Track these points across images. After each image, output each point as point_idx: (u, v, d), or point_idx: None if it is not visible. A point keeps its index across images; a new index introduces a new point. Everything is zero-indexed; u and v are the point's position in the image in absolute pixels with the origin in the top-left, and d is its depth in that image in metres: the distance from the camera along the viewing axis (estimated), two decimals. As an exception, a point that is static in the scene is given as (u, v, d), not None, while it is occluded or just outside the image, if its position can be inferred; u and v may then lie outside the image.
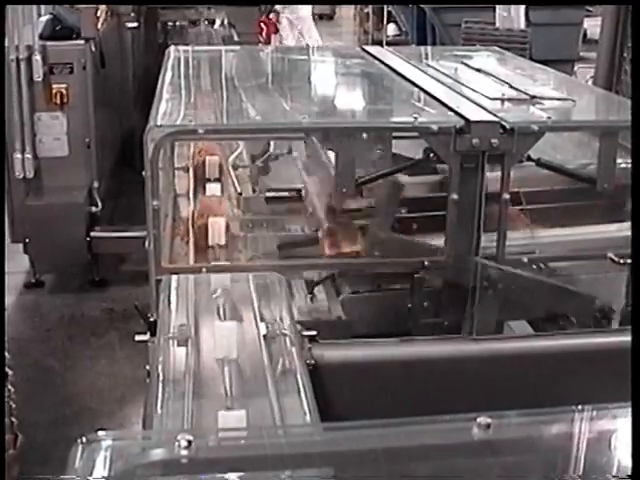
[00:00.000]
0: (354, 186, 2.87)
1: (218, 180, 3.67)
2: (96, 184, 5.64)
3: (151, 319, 2.59)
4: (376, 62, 3.95)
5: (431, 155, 2.89)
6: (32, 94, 5.35)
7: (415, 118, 2.81)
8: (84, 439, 1.35)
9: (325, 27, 16.74)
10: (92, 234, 5.53)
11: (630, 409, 1.46)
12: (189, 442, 1.33)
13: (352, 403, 2.38)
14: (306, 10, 11.55)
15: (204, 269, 2.77)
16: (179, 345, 2.14)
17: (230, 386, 1.96)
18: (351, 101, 3.60)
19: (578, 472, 1.40)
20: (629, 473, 1.37)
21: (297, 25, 11.49)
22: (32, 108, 5.37)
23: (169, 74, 3.65)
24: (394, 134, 3.30)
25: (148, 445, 1.41)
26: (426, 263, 2.86)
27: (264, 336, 2.19)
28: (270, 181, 3.93)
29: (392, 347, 2.64)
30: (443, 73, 3.61)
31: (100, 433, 1.37)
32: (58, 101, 5.41)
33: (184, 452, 1.32)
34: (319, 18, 17.60)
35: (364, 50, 4.35)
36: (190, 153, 4.16)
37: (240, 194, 3.72)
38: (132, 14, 7.07)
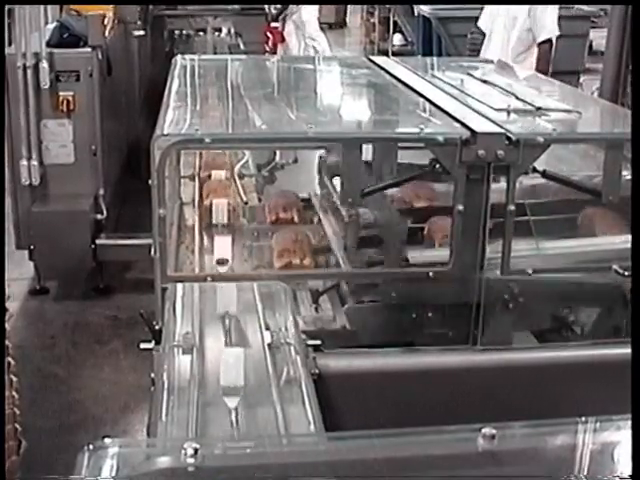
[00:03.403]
0: (360, 196, 2.88)
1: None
2: (102, 191, 5.65)
3: (156, 327, 2.60)
4: (382, 72, 3.96)
5: (436, 166, 2.90)
6: (39, 101, 5.37)
7: (421, 129, 2.82)
8: (90, 446, 1.35)
9: (332, 36, 16.77)
10: (97, 241, 5.54)
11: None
12: (195, 450, 1.33)
13: (356, 413, 2.38)
14: (307, 13, 11.52)
15: (209, 278, 2.77)
16: (184, 353, 2.15)
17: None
18: (357, 111, 3.61)
19: (582, 483, 1.41)
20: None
21: (303, 29, 11.47)
22: (38, 115, 5.38)
23: (176, 83, 3.66)
24: (400, 144, 3.33)
25: (155, 453, 1.41)
26: (431, 274, 2.86)
27: (269, 345, 2.20)
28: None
29: (397, 357, 2.64)
30: (449, 84, 3.62)
31: (106, 440, 1.38)
32: (64, 108, 5.42)
33: (190, 460, 1.33)
34: (329, 27, 17.65)
35: (370, 60, 4.36)
36: (196, 161, 4.18)
37: (246, 203, 3.74)
38: (139, 22, 7.10)
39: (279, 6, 10.16)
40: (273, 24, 9.67)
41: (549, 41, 6.73)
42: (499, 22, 6.82)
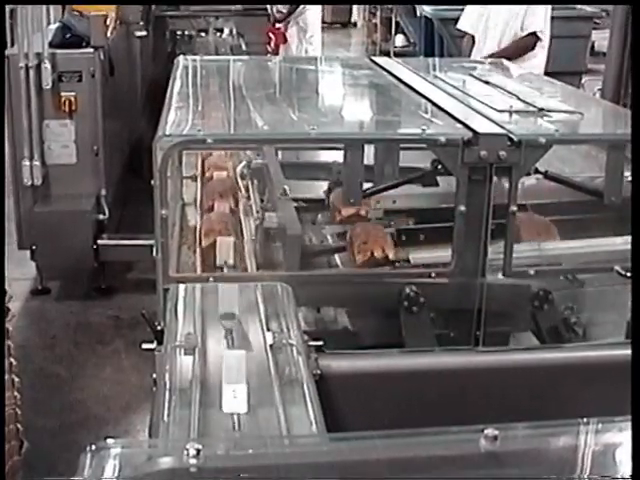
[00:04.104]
0: (361, 197, 2.88)
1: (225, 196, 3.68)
2: (104, 192, 5.65)
3: (158, 327, 2.60)
4: (384, 73, 3.96)
5: (438, 167, 2.90)
6: (41, 102, 5.37)
7: (423, 130, 2.82)
8: (93, 447, 1.35)
9: (334, 36, 16.77)
10: (99, 242, 5.54)
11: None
12: (198, 451, 1.33)
13: (358, 414, 2.38)
14: (312, 15, 11.53)
15: (211, 278, 2.77)
16: (186, 354, 2.15)
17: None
18: (359, 112, 3.61)
19: (584, 485, 1.41)
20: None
21: (306, 31, 11.48)
22: (41, 115, 5.39)
23: (178, 83, 3.66)
24: (402, 145, 3.32)
25: (157, 453, 1.42)
26: (433, 274, 2.86)
27: (270, 346, 2.20)
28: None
29: (399, 358, 2.64)
30: (451, 85, 3.62)
31: (109, 441, 1.38)
32: (67, 109, 5.42)
33: (193, 461, 1.33)
34: (341, 26, 17.69)
35: (372, 61, 4.36)
36: (198, 162, 4.18)
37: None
38: (141, 23, 7.10)
39: (284, 10, 10.15)
40: (277, 25, 9.68)
41: (535, 37, 6.56)
42: (494, 19, 6.73)
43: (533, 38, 6.54)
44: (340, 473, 1.45)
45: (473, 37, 6.82)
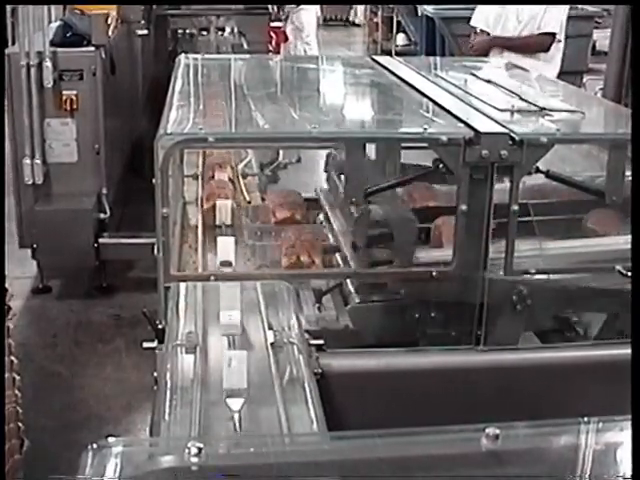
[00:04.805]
0: (363, 196, 2.88)
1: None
2: (105, 190, 5.65)
3: (159, 326, 2.60)
4: (385, 72, 3.96)
5: (440, 166, 2.90)
6: (42, 100, 5.37)
7: (425, 129, 2.82)
8: (94, 445, 1.36)
9: (334, 35, 16.77)
10: (100, 240, 5.53)
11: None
12: (199, 450, 1.34)
13: (359, 412, 2.38)
14: (307, 15, 11.53)
15: (212, 277, 2.78)
16: (187, 352, 2.15)
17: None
18: (360, 111, 3.61)
19: (585, 484, 1.41)
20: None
21: (302, 30, 11.50)
22: (42, 114, 5.39)
23: (179, 82, 3.66)
24: (403, 144, 3.32)
25: (158, 452, 1.42)
26: (434, 274, 2.86)
27: (272, 344, 2.20)
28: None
29: (399, 357, 2.64)
30: (452, 84, 3.62)
31: (110, 439, 1.38)
32: (68, 107, 5.42)
33: (194, 459, 1.33)
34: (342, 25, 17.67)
35: (373, 60, 4.36)
36: (199, 161, 4.19)
37: (249, 202, 3.74)
38: (142, 21, 7.10)
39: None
40: (277, 24, 9.67)
41: (551, 38, 6.38)
42: (514, 21, 6.60)
43: (549, 39, 6.37)
44: (341, 472, 1.45)
45: (487, 34, 6.62)
